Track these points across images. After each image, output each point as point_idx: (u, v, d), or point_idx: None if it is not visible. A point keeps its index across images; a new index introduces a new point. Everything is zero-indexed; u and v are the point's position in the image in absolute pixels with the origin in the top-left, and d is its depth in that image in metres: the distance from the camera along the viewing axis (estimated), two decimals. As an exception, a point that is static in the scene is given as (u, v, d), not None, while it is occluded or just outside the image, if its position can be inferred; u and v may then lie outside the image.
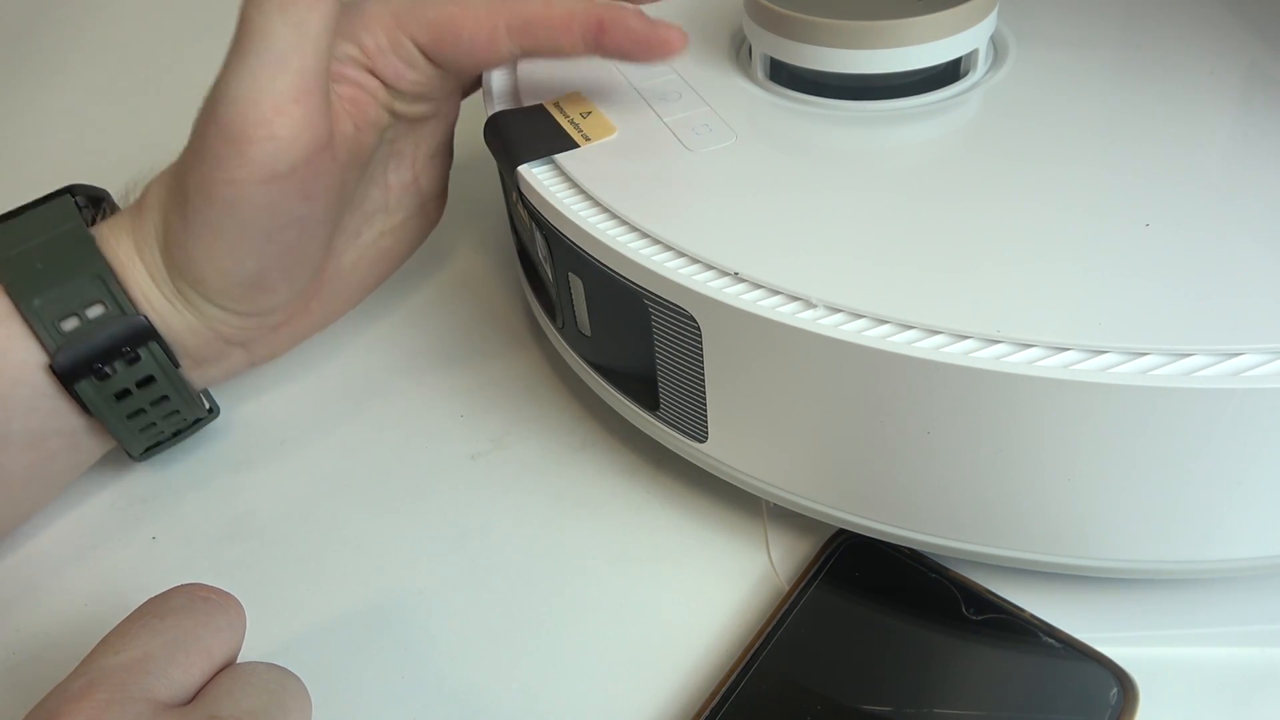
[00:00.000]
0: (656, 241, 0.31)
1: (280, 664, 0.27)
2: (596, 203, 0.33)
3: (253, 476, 0.39)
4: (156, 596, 0.27)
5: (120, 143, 0.60)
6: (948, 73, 0.36)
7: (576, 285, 0.35)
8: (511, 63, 0.40)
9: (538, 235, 0.36)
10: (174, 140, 0.61)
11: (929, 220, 0.30)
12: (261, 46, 0.31)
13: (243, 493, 0.38)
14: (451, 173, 0.43)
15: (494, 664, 0.32)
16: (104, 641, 0.25)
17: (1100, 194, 0.31)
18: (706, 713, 0.29)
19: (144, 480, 0.39)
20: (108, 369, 0.34)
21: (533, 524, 0.36)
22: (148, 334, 0.34)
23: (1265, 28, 0.38)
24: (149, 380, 0.35)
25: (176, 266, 0.34)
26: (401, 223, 0.41)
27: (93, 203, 0.37)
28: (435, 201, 0.42)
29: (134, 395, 0.35)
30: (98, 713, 0.23)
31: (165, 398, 0.36)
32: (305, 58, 0.32)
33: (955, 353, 0.26)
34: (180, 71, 0.67)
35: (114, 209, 0.38)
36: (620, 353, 0.35)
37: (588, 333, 0.36)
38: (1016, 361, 0.26)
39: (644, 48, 0.34)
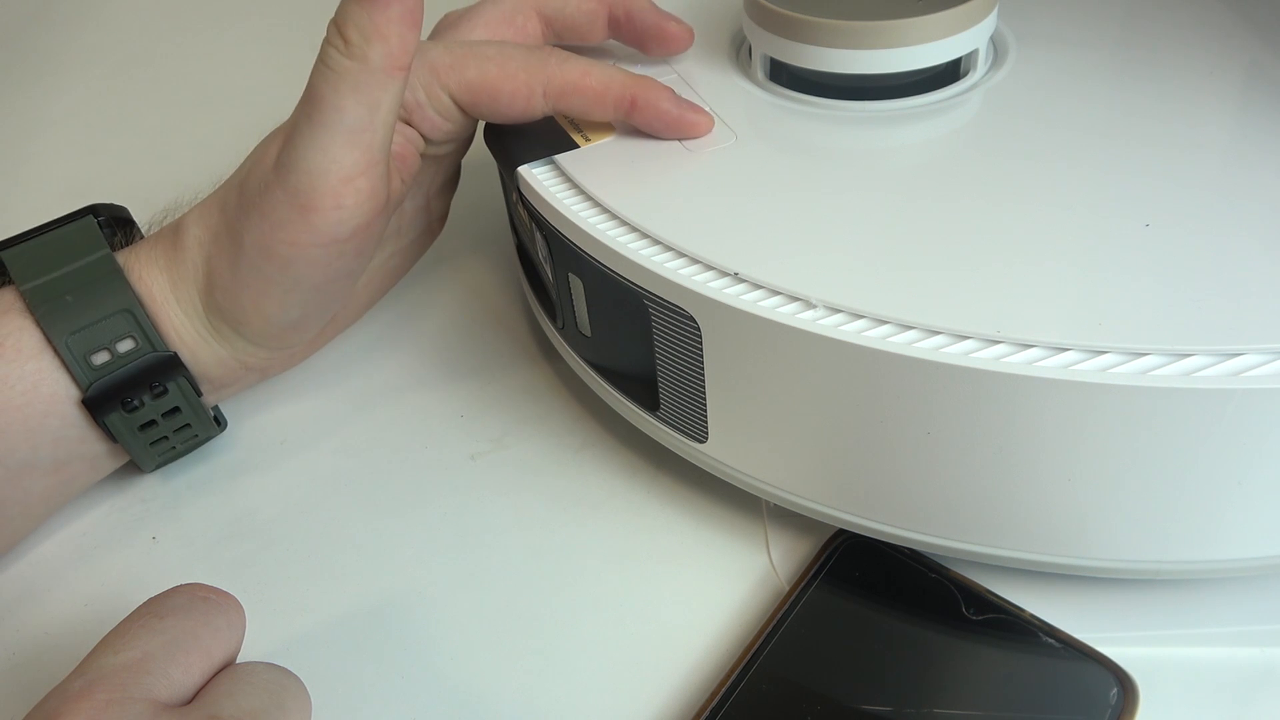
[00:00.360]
0: (656, 242, 0.31)
1: (280, 664, 0.27)
2: (596, 203, 0.33)
3: (253, 477, 0.39)
4: (156, 596, 0.27)
5: (120, 143, 0.60)
6: (948, 73, 0.36)
7: (576, 286, 0.35)
8: None
9: (538, 235, 0.36)
10: (174, 140, 0.61)
11: (929, 220, 0.30)
12: (334, 121, 0.32)
13: (243, 493, 0.38)
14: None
15: (494, 664, 0.32)
16: (104, 641, 0.25)
17: (1100, 194, 0.31)
18: (706, 713, 0.29)
19: (144, 481, 0.39)
20: (136, 401, 0.35)
21: (533, 524, 0.36)
22: (176, 369, 0.35)
23: (1265, 28, 0.38)
24: (174, 410, 0.36)
25: (219, 309, 0.35)
26: (411, 243, 0.42)
27: (115, 223, 0.37)
28: (440, 220, 0.43)
29: (159, 425, 0.36)
30: (98, 712, 0.23)
31: (186, 424, 0.37)
32: (375, 134, 0.33)
33: (955, 353, 0.26)
34: (180, 72, 0.67)
35: (137, 232, 0.38)
36: (620, 353, 0.35)
37: (588, 333, 0.36)
38: (1017, 362, 0.26)
39: (672, 129, 0.35)
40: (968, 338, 0.26)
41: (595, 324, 0.35)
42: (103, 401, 0.34)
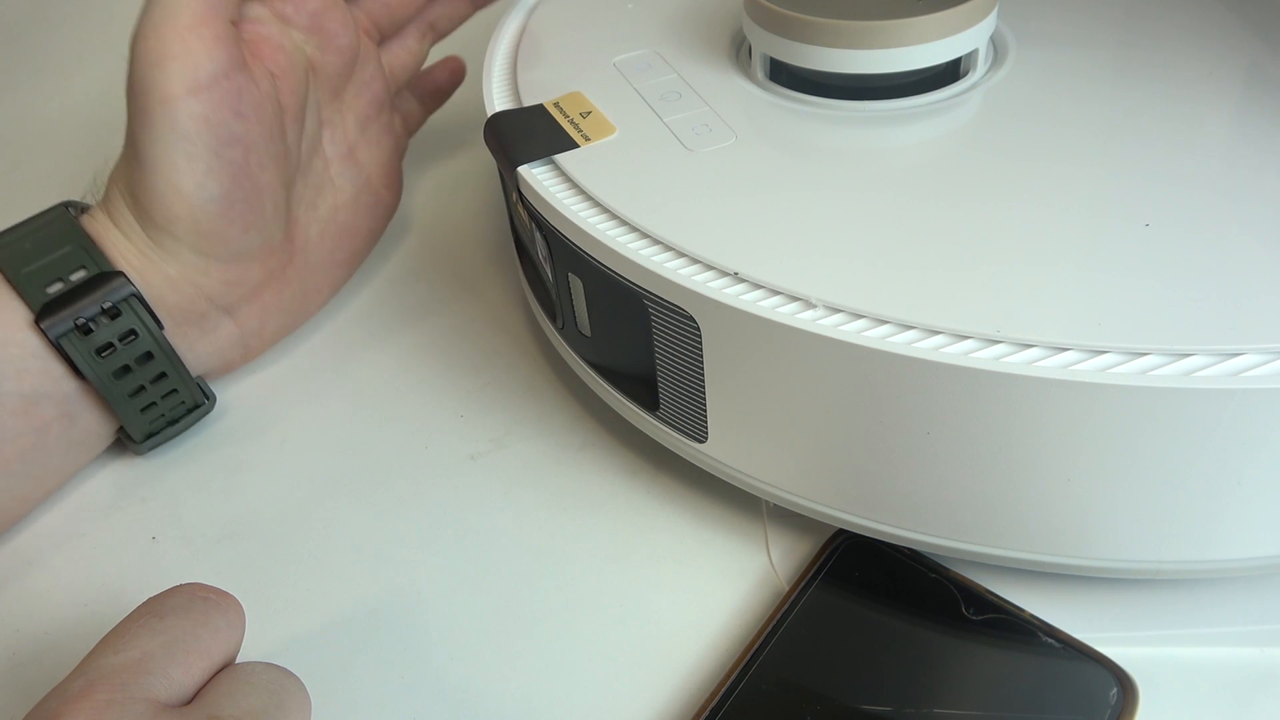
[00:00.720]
0: (656, 242, 0.31)
1: (280, 664, 0.27)
2: (596, 203, 0.33)
3: (252, 476, 0.39)
4: (156, 596, 0.27)
5: (120, 143, 0.60)
6: (947, 73, 0.36)
7: (576, 285, 0.35)
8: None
9: (538, 235, 0.36)
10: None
11: (929, 220, 0.30)
12: None
13: (242, 493, 0.38)
14: (451, 173, 0.43)
15: (494, 664, 0.32)
16: (103, 642, 0.25)
17: (1100, 194, 0.31)
18: (706, 713, 0.29)
19: (144, 480, 0.39)
20: (91, 324, 0.36)
21: (533, 524, 0.36)
22: (123, 285, 0.36)
23: (1265, 28, 0.38)
24: (147, 357, 0.37)
25: (144, 211, 0.37)
26: (351, 199, 0.44)
27: (81, 210, 0.39)
28: (382, 180, 0.45)
29: (133, 372, 0.37)
30: (98, 713, 0.23)
31: (163, 374, 0.38)
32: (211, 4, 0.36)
33: (955, 353, 0.26)
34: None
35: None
36: (620, 353, 0.35)
37: (587, 333, 0.36)
38: (1016, 362, 0.26)
39: None
40: (967, 337, 0.26)
41: (595, 324, 0.35)
42: (54, 321, 0.35)
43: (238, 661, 0.27)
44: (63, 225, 0.37)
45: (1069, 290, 0.27)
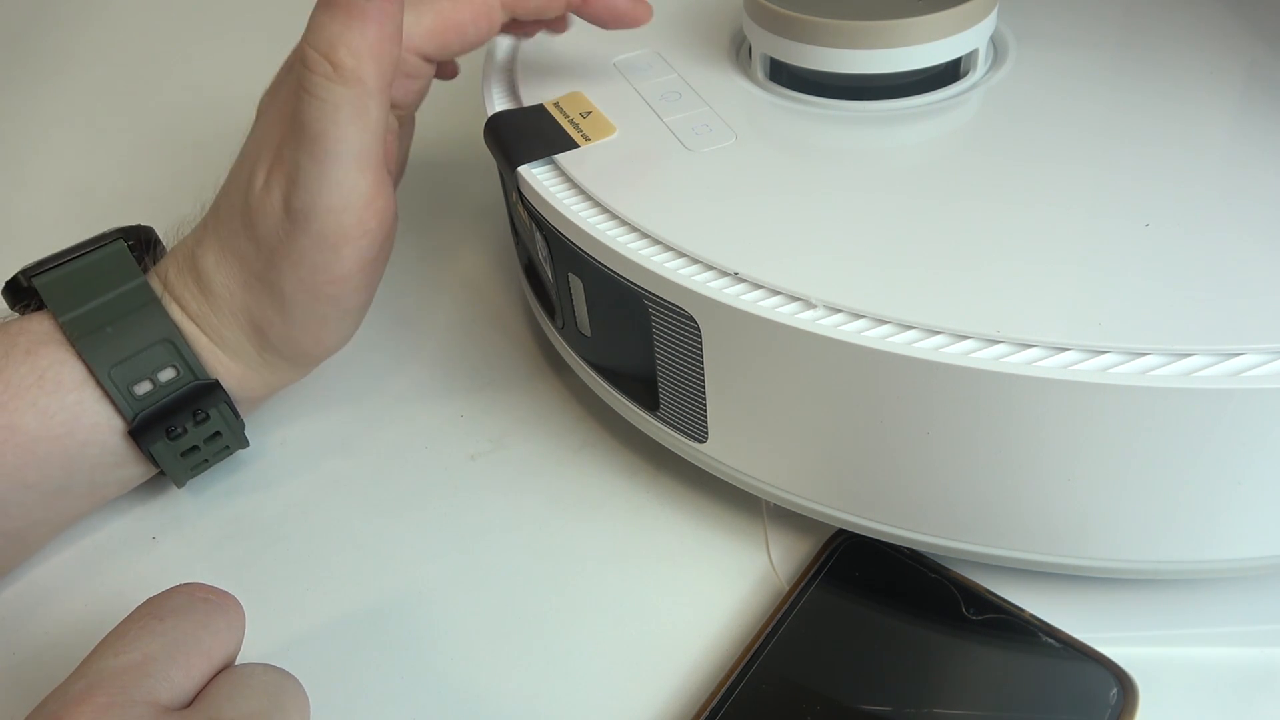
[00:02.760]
0: (656, 242, 0.31)
1: (280, 664, 0.27)
2: (596, 203, 0.33)
3: (253, 477, 0.39)
4: (156, 597, 0.27)
5: (120, 143, 0.60)
6: (948, 73, 0.36)
7: (576, 285, 0.35)
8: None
9: (538, 235, 0.36)
10: (173, 140, 0.61)
11: (929, 220, 0.30)
12: (341, 152, 0.31)
13: (243, 493, 0.38)
14: (451, 173, 0.43)
15: (494, 664, 0.32)
16: (103, 643, 0.25)
17: (1100, 194, 0.31)
18: (706, 713, 0.29)
19: (144, 481, 0.39)
20: (180, 429, 0.35)
21: (532, 524, 0.36)
22: (217, 394, 0.35)
23: (1265, 28, 0.38)
24: (215, 435, 0.36)
25: (276, 351, 0.36)
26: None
27: (142, 244, 0.36)
28: (399, 174, 0.43)
29: (200, 449, 0.36)
30: (98, 715, 0.23)
31: (225, 445, 0.37)
32: (375, 148, 0.32)
33: (955, 353, 0.26)
34: (180, 71, 0.67)
35: (164, 251, 0.37)
36: (620, 353, 0.35)
37: (588, 333, 0.36)
38: (1016, 362, 0.26)
39: (619, 20, 0.36)
40: (967, 337, 0.26)
41: (595, 324, 0.35)
42: (147, 431, 0.34)
43: (238, 662, 0.27)
44: (144, 304, 0.34)
45: (1069, 290, 0.27)
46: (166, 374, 0.34)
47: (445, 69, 0.40)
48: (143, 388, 0.34)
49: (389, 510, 0.37)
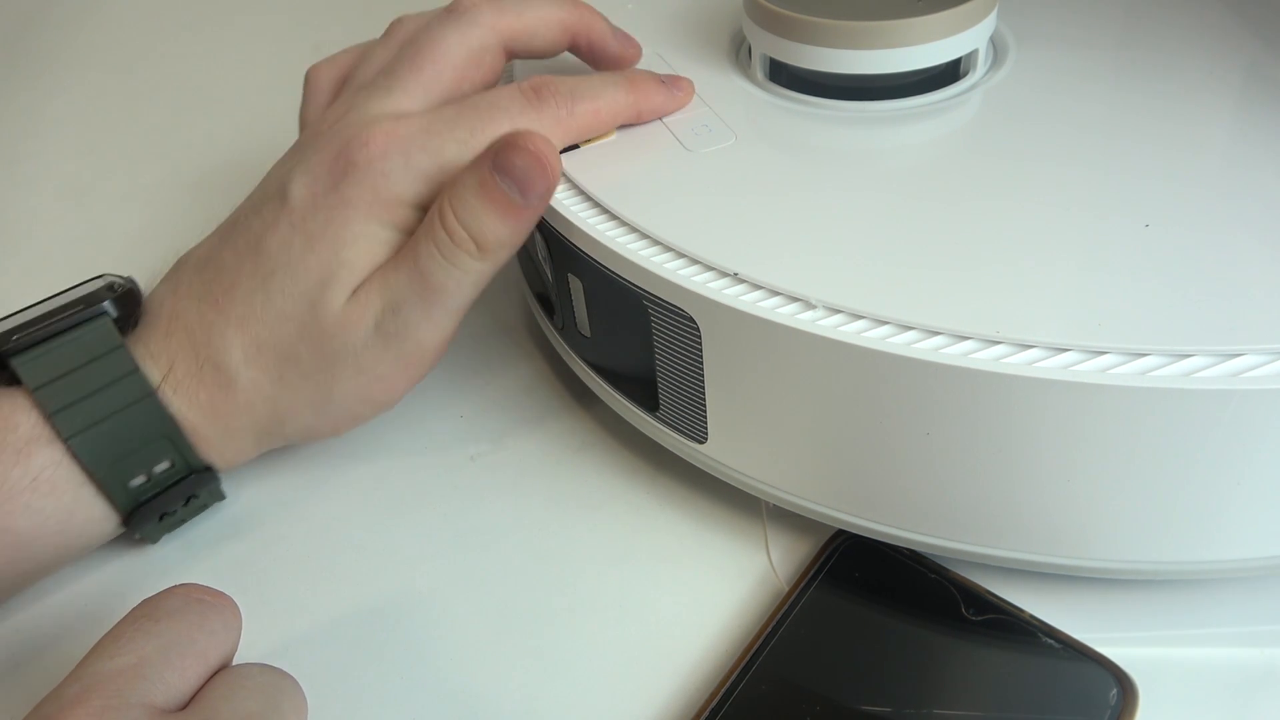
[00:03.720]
0: (656, 242, 0.31)
1: (280, 664, 0.27)
2: (595, 203, 0.33)
3: (253, 477, 0.39)
4: (151, 599, 0.27)
5: (120, 143, 0.60)
6: (947, 73, 0.36)
7: (576, 286, 0.35)
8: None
9: (537, 236, 0.36)
10: (174, 140, 0.61)
11: (929, 221, 0.30)
12: (453, 306, 0.34)
13: (243, 493, 0.38)
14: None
15: (494, 664, 0.32)
16: (98, 646, 0.25)
17: (1100, 194, 0.31)
18: (706, 713, 0.29)
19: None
20: (172, 511, 0.35)
21: (532, 524, 0.36)
22: (211, 477, 0.36)
23: (1265, 28, 0.38)
24: (200, 505, 0.37)
25: (286, 437, 0.36)
26: None
27: (121, 303, 0.34)
28: None
29: (179, 512, 0.36)
30: (93, 719, 0.23)
31: (203, 504, 0.37)
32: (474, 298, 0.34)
33: (955, 354, 0.26)
34: (180, 71, 0.67)
35: (140, 306, 0.35)
36: (620, 354, 0.35)
37: (587, 334, 0.36)
38: (1016, 362, 0.26)
39: (667, 113, 0.37)
40: (967, 338, 0.26)
41: (595, 324, 0.35)
42: (138, 516, 0.34)
43: (236, 662, 0.27)
44: (141, 401, 0.33)
45: (1069, 291, 0.27)
46: (161, 466, 0.34)
47: None
48: (137, 480, 0.33)
49: (389, 510, 0.37)
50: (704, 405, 0.32)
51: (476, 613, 0.33)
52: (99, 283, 0.35)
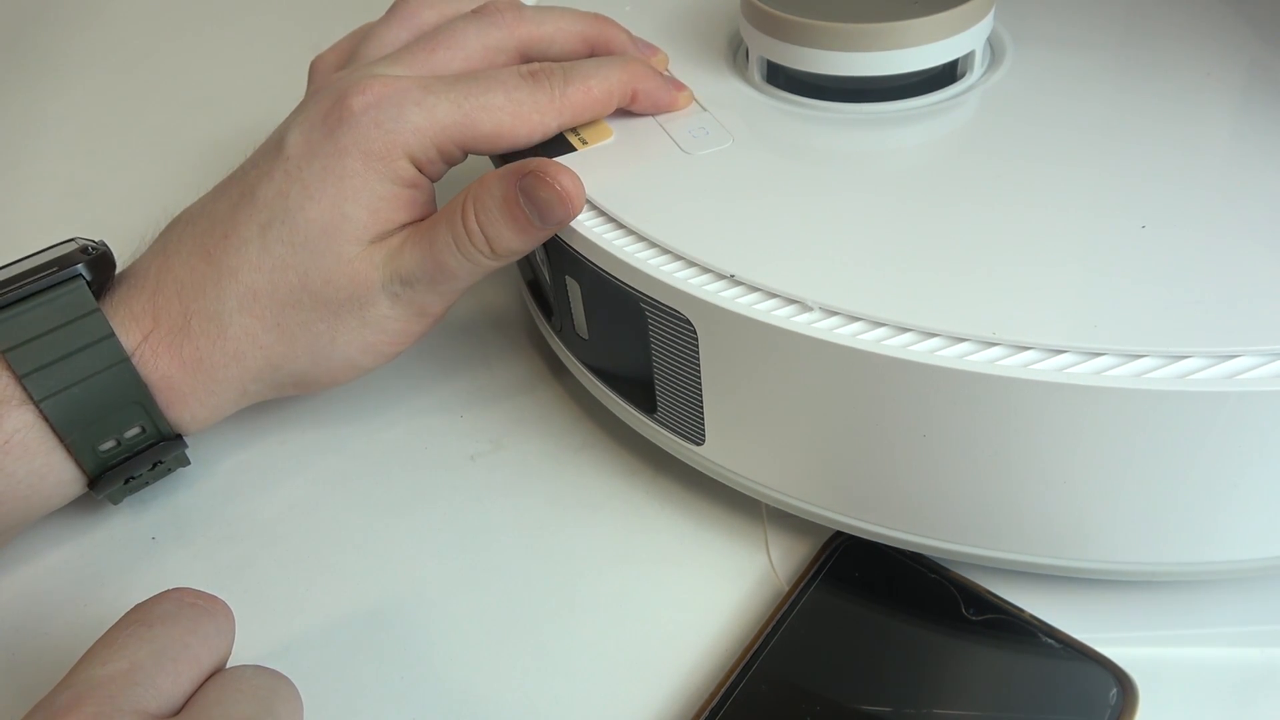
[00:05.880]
0: (653, 245, 0.31)
1: (279, 665, 0.27)
2: (593, 206, 0.33)
3: (253, 477, 0.39)
4: (144, 603, 0.27)
5: (120, 143, 0.60)
6: (945, 74, 0.36)
7: (574, 289, 0.35)
8: None
9: (536, 237, 0.36)
10: (174, 140, 0.61)
11: (926, 223, 0.30)
12: (461, 283, 0.35)
13: (243, 493, 0.38)
14: (450, 176, 0.43)
15: (494, 664, 0.32)
16: (90, 652, 0.25)
17: (1097, 196, 0.31)
18: (706, 713, 0.29)
19: (145, 482, 0.39)
20: (137, 475, 0.36)
21: (532, 525, 0.36)
22: (178, 445, 0.36)
23: (1265, 28, 0.38)
24: (165, 470, 0.37)
25: (281, 386, 0.37)
26: None
27: (94, 266, 0.33)
28: None
29: (144, 476, 0.36)
30: None
31: (167, 469, 0.37)
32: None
33: (951, 355, 0.26)
34: (180, 72, 0.67)
35: (114, 269, 0.35)
36: (617, 356, 0.35)
37: (585, 336, 0.36)
38: (1013, 364, 0.26)
39: (664, 110, 0.37)
40: (964, 340, 0.26)
41: (593, 327, 0.35)
42: (105, 479, 0.34)
43: (235, 662, 0.27)
44: (114, 365, 0.33)
45: (1065, 293, 0.27)
46: (132, 431, 0.34)
47: None
48: (107, 445, 0.34)
49: (388, 510, 0.37)
50: (701, 407, 0.32)
51: (476, 613, 0.34)
52: (70, 245, 0.34)
